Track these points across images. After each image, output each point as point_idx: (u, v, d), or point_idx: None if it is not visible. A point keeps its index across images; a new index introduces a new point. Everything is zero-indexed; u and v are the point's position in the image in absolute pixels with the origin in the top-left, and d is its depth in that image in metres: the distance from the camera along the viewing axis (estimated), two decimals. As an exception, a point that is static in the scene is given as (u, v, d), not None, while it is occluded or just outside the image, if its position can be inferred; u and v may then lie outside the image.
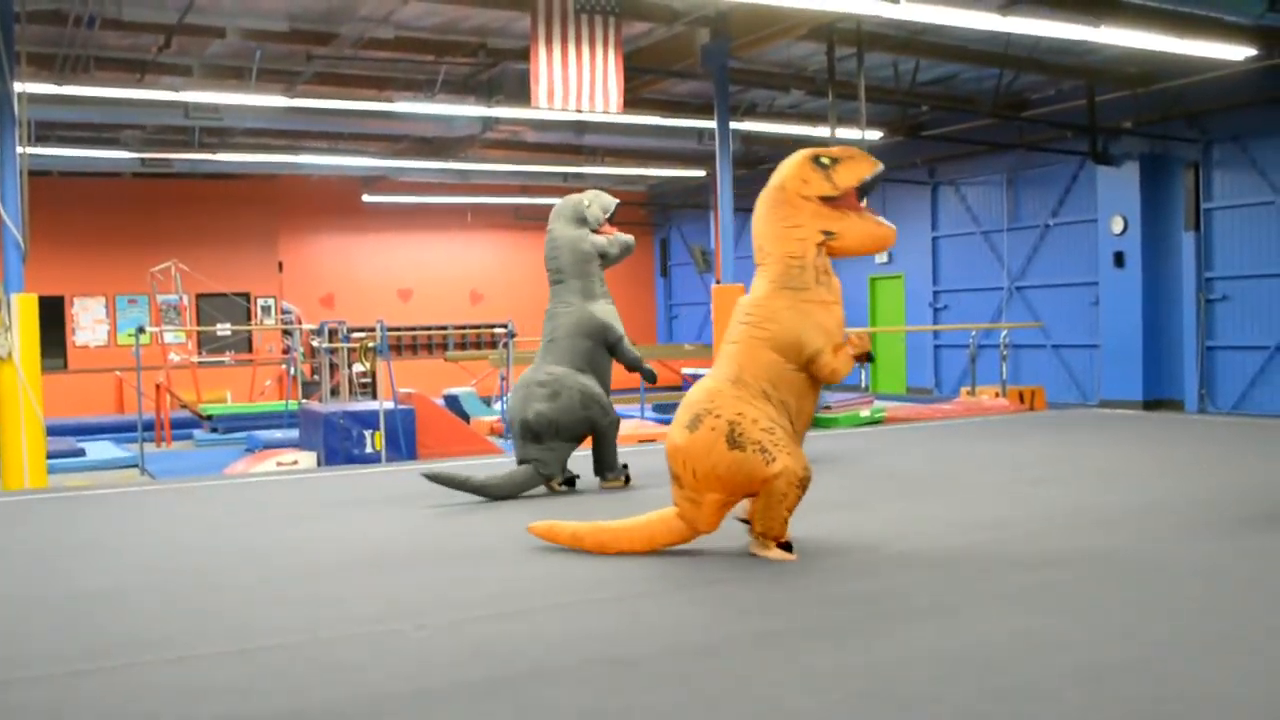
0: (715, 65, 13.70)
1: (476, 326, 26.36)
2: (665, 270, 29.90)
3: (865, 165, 4.61)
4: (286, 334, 20.98)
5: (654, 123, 17.56)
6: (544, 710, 2.82)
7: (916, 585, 4.07)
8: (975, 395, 16.44)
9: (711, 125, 14.44)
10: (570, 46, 11.77)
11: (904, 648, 3.29)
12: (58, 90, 13.83)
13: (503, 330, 16.18)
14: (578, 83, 11.86)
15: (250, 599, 4.08)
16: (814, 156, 4.63)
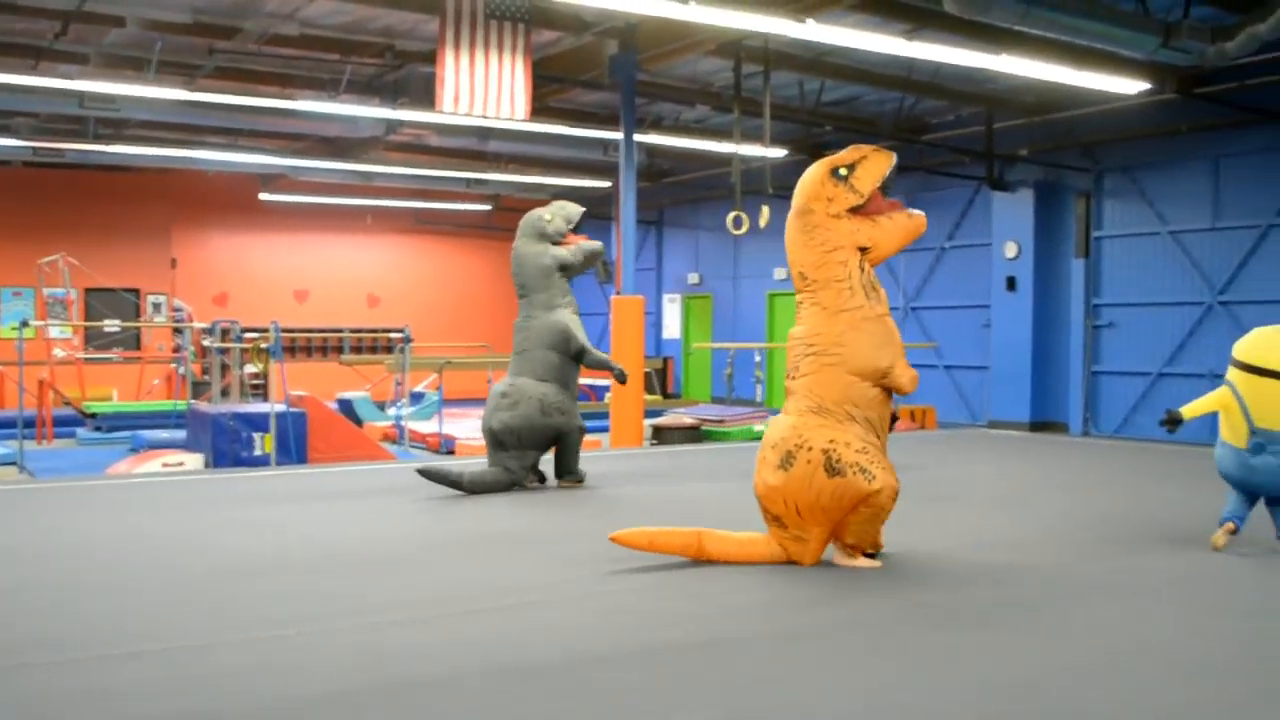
0: (623, 77, 13.72)
1: (373, 330, 26.08)
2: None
3: (882, 162, 4.63)
4: (177, 332, 20.55)
5: (560, 132, 17.53)
6: (437, 718, 2.79)
7: (814, 601, 4.10)
8: (869, 413, 16.63)
9: (617, 137, 14.45)
10: (478, 51, 11.70)
11: (799, 660, 3.31)
12: (-54, 74, 13.40)
13: (400, 335, 16.02)
14: (484, 88, 11.78)
15: (138, 602, 3.98)
16: (831, 169, 4.62)
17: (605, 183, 22.69)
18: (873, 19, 12.32)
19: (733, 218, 13.82)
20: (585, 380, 18.96)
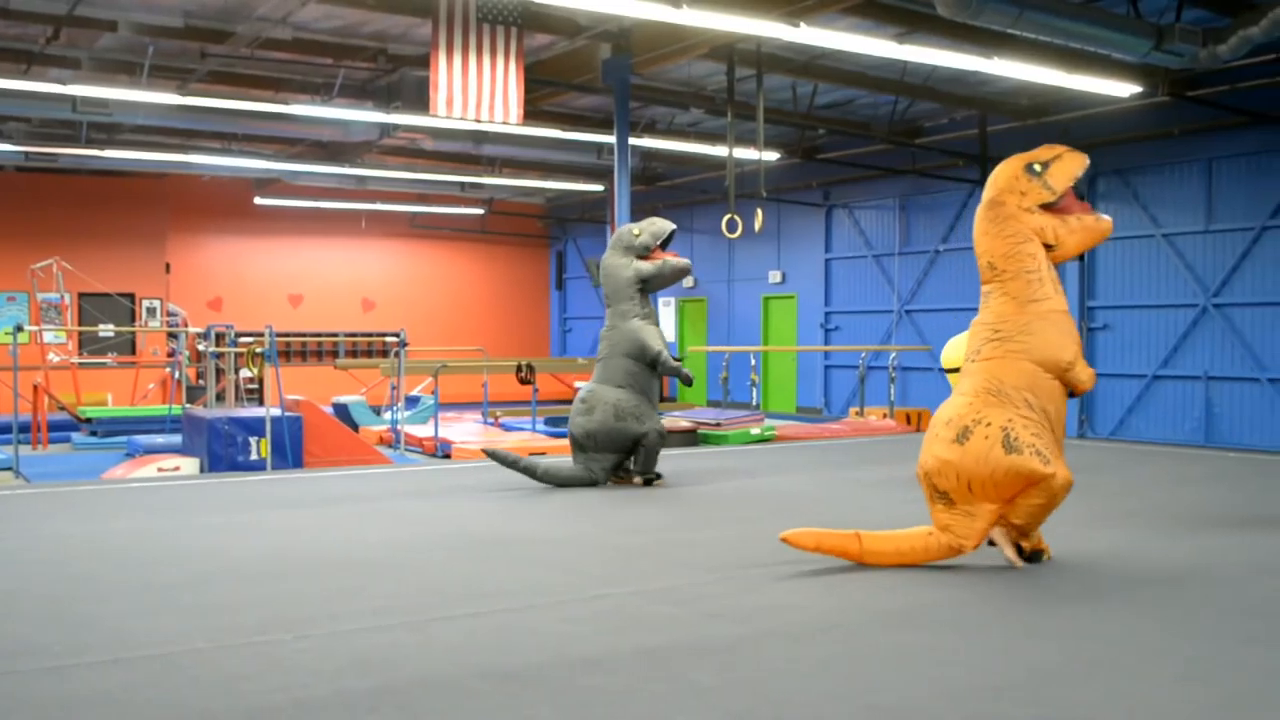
0: (616, 80, 13.73)
1: (368, 334, 26.08)
2: (560, 283, 29.84)
3: (1076, 162, 4.69)
4: (172, 337, 20.52)
5: (553, 135, 17.53)
6: (429, 723, 2.79)
7: (805, 603, 4.10)
8: (863, 416, 16.67)
9: (611, 140, 14.47)
10: (471, 55, 11.70)
11: (784, 663, 3.31)
12: (-62, 79, 13.38)
13: (395, 339, 16.01)
14: (478, 92, 11.79)
15: (131, 607, 3.98)
16: (1026, 164, 4.69)
17: (599, 186, 22.71)
18: (865, 22, 12.35)
19: (727, 221, 13.84)
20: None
